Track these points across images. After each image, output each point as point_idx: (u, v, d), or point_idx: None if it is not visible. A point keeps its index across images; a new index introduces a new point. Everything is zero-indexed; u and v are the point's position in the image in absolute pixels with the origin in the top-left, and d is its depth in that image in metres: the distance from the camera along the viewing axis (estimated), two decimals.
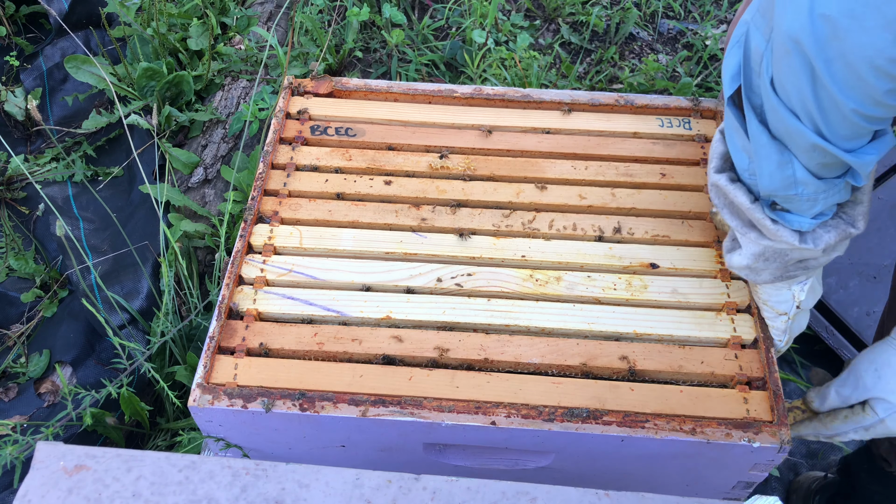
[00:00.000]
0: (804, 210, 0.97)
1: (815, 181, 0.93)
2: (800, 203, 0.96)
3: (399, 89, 1.42)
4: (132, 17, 2.04)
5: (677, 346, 1.12)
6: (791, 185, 0.94)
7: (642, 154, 1.35)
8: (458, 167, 1.32)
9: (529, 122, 1.38)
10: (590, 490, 0.81)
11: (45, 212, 1.83)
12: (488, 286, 1.17)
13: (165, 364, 1.59)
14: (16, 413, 1.51)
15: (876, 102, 0.82)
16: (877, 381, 1.03)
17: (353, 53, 2.21)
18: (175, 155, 1.86)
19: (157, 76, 1.94)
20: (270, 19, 2.26)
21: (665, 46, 2.36)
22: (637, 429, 1.04)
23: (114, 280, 1.66)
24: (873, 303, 1.71)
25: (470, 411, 1.04)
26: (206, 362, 1.08)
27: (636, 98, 1.41)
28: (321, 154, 1.33)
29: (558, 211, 1.27)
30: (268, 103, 1.95)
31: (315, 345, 1.11)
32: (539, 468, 1.14)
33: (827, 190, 0.94)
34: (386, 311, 1.14)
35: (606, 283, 1.18)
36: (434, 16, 2.32)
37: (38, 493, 0.78)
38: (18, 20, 2.22)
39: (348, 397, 1.05)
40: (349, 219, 1.25)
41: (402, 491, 0.81)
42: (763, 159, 0.95)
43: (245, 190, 1.78)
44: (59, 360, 1.57)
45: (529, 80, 2.09)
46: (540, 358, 1.10)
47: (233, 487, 0.80)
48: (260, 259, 1.20)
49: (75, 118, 2.03)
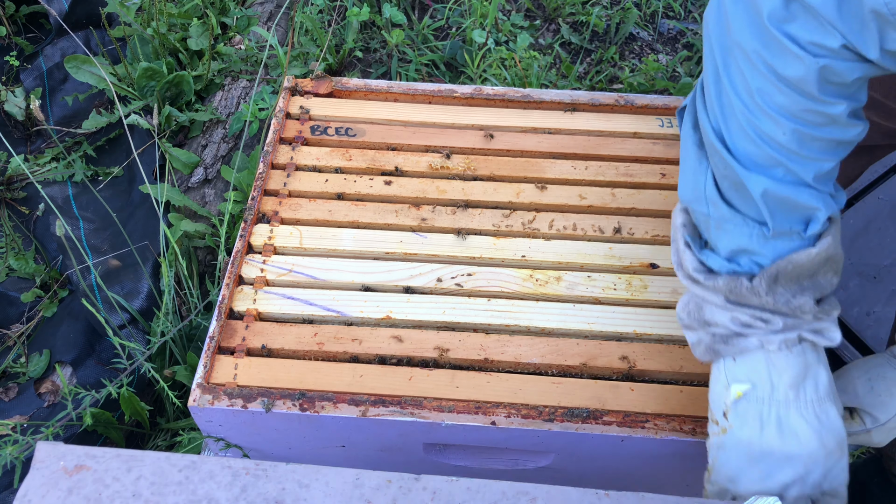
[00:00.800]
0: (714, 239, 0.90)
1: (723, 205, 0.86)
2: (710, 229, 0.90)
3: (399, 89, 1.42)
4: (132, 17, 2.04)
5: (677, 346, 1.12)
6: (701, 199, 0.89)
7: (642, 154, 1.35)
8: (459, 167, 1.32)
9: (529, 122, 1.38)
10: (590, 490, 0.81)
11: (45, 212, 1.83)
12: (488, 286, 1.18)
13: (165, 364, 1.59)
14: (16, 413, 1.51)
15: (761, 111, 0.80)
16: (868, 392, 0.97)
17: (354, 53, 2.21)
18: (175, 155, 1.86)
19: (157, 76, 1.94)
20: (270, 19, 2.26)
21: (665, 46, 2.36)
22: (637, 429, 1.04)
23: (114, 280, 1.66)
24: (873, 303, 1.71)
25: (470, 411, 1.04)
26: (206, 362, 1.08)
27: (636, 98, 1.41)
28: (321, 154, 1.33)
29: (558, 211, 1.27)
30: (268, 103, 1.95)
31: (315, 345, 1.11)
32: (539, 468, 1.14)
33: (734, 221, 0.86)
34: (386, 311, 1.14)
35: (606, 283, 1.18)
36: (434, 16, 2.32)
37: (38, 493, 0.78)
38: (18, 20, 2.22)
39: (348, 397, 1.05)
40: (349, 219, 1.25)
41: (402, 491, 0.80)
42: (684, 164, 0.92)
43: (245, 190, 1.78)
44: (59, 360, 1.57)
45: (529, 80, 2.09)
46: (540, 358, 1.10)
47: (233, 487, 0.80)
48: (260, 259, 1.20)
49: (75, 118, 2.03)
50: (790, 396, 0.87)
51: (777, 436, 0.86)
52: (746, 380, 0.89)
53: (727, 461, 0.89)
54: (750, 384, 0.88)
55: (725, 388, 0.90)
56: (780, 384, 0.87)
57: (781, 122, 0.79)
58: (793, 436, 0.86)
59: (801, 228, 0.85)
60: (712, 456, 0.91)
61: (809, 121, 0.79)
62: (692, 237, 0.92)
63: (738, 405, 0.88)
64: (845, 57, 0.74)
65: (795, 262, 0.84)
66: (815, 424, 0.86)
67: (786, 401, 0.87)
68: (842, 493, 0.87)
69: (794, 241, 0.85)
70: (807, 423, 0.86)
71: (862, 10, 0.70)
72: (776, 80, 0.77)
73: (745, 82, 0.80)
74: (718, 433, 0.90)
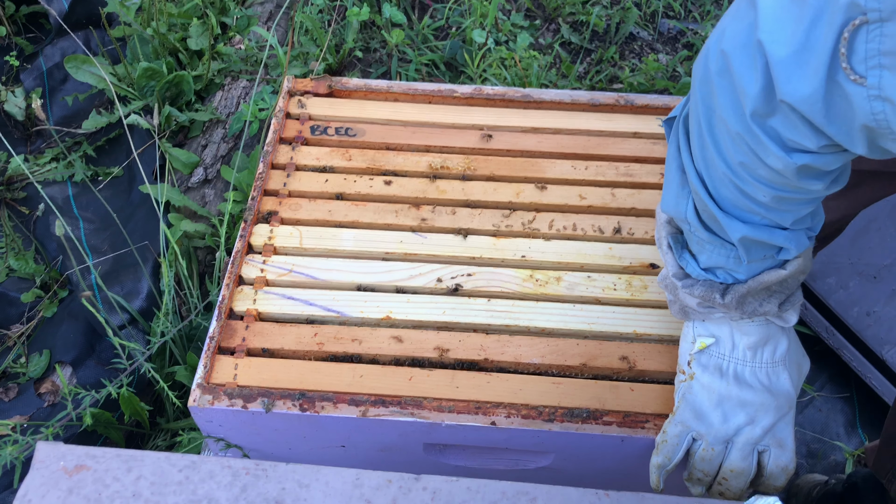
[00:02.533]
0: (695, 251, 0.96)
1: (702, 230, 0.91)
2: (691, 242, 0.95)
3: (399, 89, 1.42)
4: (132, 16, 2.04)
5: (677, 347, 1.12)
6: (683, 220, 0.93)
7: (642, 154, 1.35)
8: (458, 167, 1.32)
9: (529, 122, 1.38)
10: (590, 490, 0.81)
11: (45, 212, 1.83)
12: (488, 286, 1.17)
13: (165, 364, 1.59)
14: (16, 413, 1.51)
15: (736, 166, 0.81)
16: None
17: (353, 53, 2.21)
18: (175, 155, 1.86)
19: (157, 76, 1.94)
20: (270, 19, 2.26)
21: (665, 46, 2.36)
22: (637, 429, 1.04)
23: (114, 280, 1.66)
24: (873, 303, 1.71)
25: (470, 411, 1.04)
26: (206, 362, 1.08)
27: (636, 98, 1.41)
28: (321, 154, 1.33)
29: (558, 211, 1.27)
30: (268, 103, 1.95)
31: (315, 345, 1.11)
32: (539, 468, 1.14)
33: (713, 244, 0.92)
34: (386, 311, 1.14)
35: (606, 283, 1.18)
36: (434, 16, 2.32)
37: (38, 493, 0.78)
38: (18, 20, 2.22)
39: (348, 397, 1.05)
40: (349, 219, 1.25)
41: (403, 491, 0.81)
42: (668, 181, 0.94)
43: (245, 190, 1.78)
44: (59, 361, 1.57)
45: (529, 80, 2.09)
46: (540, 358, 1.10)
47: (233, 487, 0.80)
48: (260, 259, 1.20)
49: (75, 118, 2.03)
50: (747, 357, 0.97)
51: (734, 385, 0.97)
52: (710, 335, 0.99)
53: (692, 402, 0.99)
54: (713, 339, 0.99)
55: (692, 342, 1.01)
56: (740, 344, 0.97)
57: (763, 189, 0.82)
58: (747, 387, 0.96)
59: (773, 253, 0.91)
60: (678, 398, 1.00)
61: (790, 190, 0.82)
62: (674, 239, 0.98)
63: (702, 356, 0.99)
64: (826, 152, 0.75)
65: (765, 281, 0.91)
66: (766, 382, 0.97)
67: (743, 359, 0.97)
68: (789, 445, 0.97)
69: (767, 262, 0.92)
70: (758, 380, 0.97)
71: (853, 122, 0.68)
72: (758, 161, 0.79)
73: (729, 152, 0.81)
74: (685, 380, 1.00)
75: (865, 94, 0.65)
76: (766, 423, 0.96)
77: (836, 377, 1.80)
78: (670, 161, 0.93)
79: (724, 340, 0.98)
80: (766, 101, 0.73)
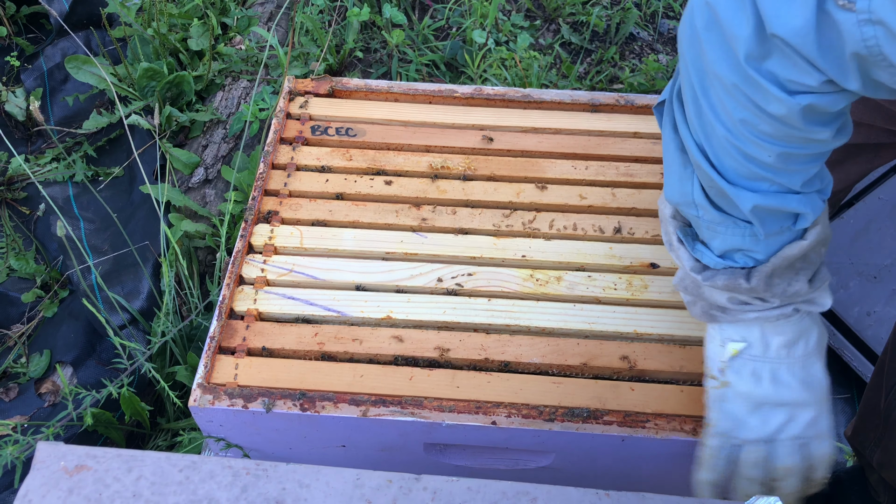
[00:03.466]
0: (707, 238, 0.93)
1: (712, 210, 0.89)
2: (701, 229, 0.93)
3: (399, 89, 1.42)
4: (133, 17, 2.04)
5: (678, 346, 1.12)
6: (690, 203, 0.91)
7: (643, 154, 1.35)
8: (459, 167, 1.32)
9: (530, 122, 1.38)
10: (590, 490, 0.81)
11: (45, 212, 1.83)
12: (489, 286, 1.18)
13: (166, 364, 1.59)
14: (16, 413, 1.51)
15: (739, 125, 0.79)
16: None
17: (354, 53, 2.21)
18: (175, 155, 1.86)
19: (158, 76, 1.94)
20: (271, 19, 2.26)
21: (665, 46, 2.36)
22: (638, 429, 1.04)
23: (114, 280, 1.66)
24: (873, 303, 1.71)
25: (470, 411, 1.04)
26: (206, 362, 1.08)
27: (636, 98, 1.41)
28: (322, 154, 1.33)
29: (559, 211, 1.27)
30: (268, 103, 1.95)
31: (315, 345, 1.11)
32: (539, 468, 1.14)
33: (725, 224, 0.89)
34: (386, 311, 1.14)
35: (607, 282, 1.18)
36: (434, 16, 2.32)
37: (38, 493, 0.78)
38: (19, 20, 2.22)
39: (349, 397, 1.05)
40: (350, 219, 1.25)
41: (403, 491, 0.80)
42: (669, 167, 0.92)
43: (245, 190, 1.79)
44: (59, 360, 1.57)
45: (530, 80, 2.09)
46: (540, 358, 1.10)
47: (233, 487, 0.80)
48: (260, 259, 1.20)
49: (76, 118, 2.03)
50: (782, 354, 0.94)
51: (771, 387, 0.94)
52: (741, 339, 0.95)
53: (730, 412, 0.96)
54: (745, 343, 0.95)
55: (721, 345, 0.97)
56: (774, 343, 0.94)
57: (767, 146, 0.80)
58: (785, 387, 0.94)
59: (790, 224, 0.88)
60: (713, 408, 0.97)
61: (795, 144, 0.79)
62: (683, 232, 0.96)
63: (735, 362, 0.95)
64: (828, 90, 0.73)
65: (788, 256, 0.88)
66: (802, 376, 0.95)
67: (778, 358, 0.94)
68: (827, 434, 0.96)
69: (785, 235, 0.89)
70: (795, 376, 0.94)
71: (843, 53, 0.68)
72: (759, 112, 0.77)
73: (727, 111, 0.79)
74: (718, 387, 0.97)
75: (855, 20, 0.64)
76: (806, 417, 0.95)
77: (836, 377, 1.79)
78: (667, 145, 0.91)
79: (755, 343, 0.94)
80: (760, 42, 0.72)
